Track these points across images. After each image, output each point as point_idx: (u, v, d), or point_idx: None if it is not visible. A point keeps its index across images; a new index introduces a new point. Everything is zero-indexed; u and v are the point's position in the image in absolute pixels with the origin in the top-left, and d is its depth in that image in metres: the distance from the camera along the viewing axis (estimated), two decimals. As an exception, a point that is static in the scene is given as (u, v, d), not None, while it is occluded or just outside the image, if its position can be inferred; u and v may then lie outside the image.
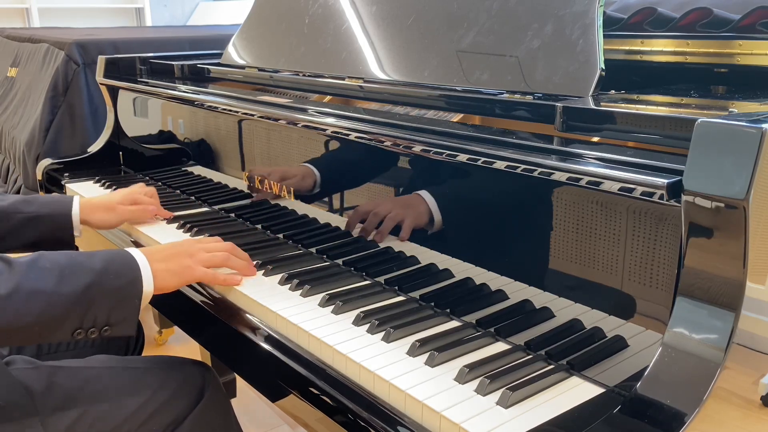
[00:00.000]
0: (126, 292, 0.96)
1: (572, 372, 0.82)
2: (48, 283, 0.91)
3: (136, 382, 1.07)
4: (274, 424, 2.06)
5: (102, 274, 0.94)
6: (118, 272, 0.96)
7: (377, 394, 0.83)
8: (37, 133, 2.37)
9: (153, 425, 1.04)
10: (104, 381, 1.06)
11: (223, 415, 1.14)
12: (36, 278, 0.90)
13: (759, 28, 1.15)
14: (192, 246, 1.09)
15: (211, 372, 1.16)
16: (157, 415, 1.05)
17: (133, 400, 1.04)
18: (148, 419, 1.04)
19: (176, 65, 1.81)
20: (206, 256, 1.08)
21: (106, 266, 0.96)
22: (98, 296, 0.93)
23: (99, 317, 0.94)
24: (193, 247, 1.09)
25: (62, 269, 0.92)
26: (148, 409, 1.04)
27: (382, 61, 1.29)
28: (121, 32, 3.24)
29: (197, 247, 1.09)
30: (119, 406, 1.03)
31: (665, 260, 0.75)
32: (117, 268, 0.97)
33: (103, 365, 1.10)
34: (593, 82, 0.96)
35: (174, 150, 1.70)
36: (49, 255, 0.95)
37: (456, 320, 0.97)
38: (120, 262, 0.98)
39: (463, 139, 0.95)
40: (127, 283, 0.97)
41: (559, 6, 1.05)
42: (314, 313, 1.00)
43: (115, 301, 0.95)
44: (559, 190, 0.84)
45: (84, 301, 0.92)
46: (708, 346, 0.68)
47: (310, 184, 1.25)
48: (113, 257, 0.99)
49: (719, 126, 0.67)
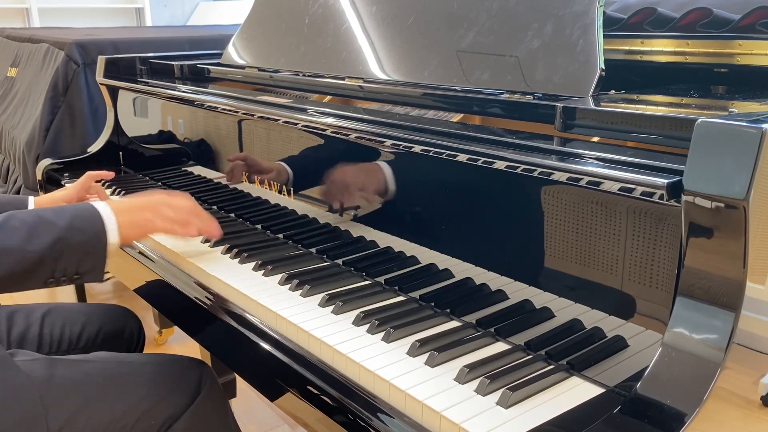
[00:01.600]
0: (92, 244, 1.03)
1: (572, 372, 0.82)
2: (16, 240, 0.97)
3: (133, 378, 1.09)
4: (274, 424, 2.06)
5: (68, 229, 1.00)
6: (82, 227, 1.02)
7: (377, 394, 0.83)
8: (37, 133, 2.37)
9: (150, 420, 1.06)
10: (102, 375, 1.08)
11: (219, 412, 1.15)
12: (6, 237, 0.97)
13: (759, 28, 1.15)
14: (158, 201, 1.15)
15: (208, 369, 1.17)
16: (155, 410, 1.07)
17: (131, 395, 1.06)
18: (146, 414, 1.06)
19: (176, 65, 1.81)
20: (169, 213, 1.14)
21: (72, 222, 1.02)
22: (65, 250, 1.00)
23: (68, 268, 1.01)
24: (159, 201, 1.15)
25: (30, 228, 0.98)
26: (146, 404, 1.06)
27: (382, 61, 1.29)
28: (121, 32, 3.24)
29: (163, 202, 1.15)
30: (117, 401, 1.05)
31: (665, 260, 0.75)
32: (82, 223, 1.03)
33: (101, 360, 1.12)
34: (593, 82, 0.96)
35: (174, 150, 1.70)
36: (18, 214, 1.01)
37: (456, 320, 0.97)
38: (85, 216, 1.04)
39: (463, 139, 0.95)
40: (92, 236, 1.03)
41: (559, 6, 1.05)
42: (314, 313, 1.00)
43: (82, 254, 1.02)
44: (559, 190, 0.84)
45: (51, 255, 0.98)
46: (708, 346, 0.68)
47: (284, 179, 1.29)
48: (79, 212, 1.05)
49: (719, 126, 0.67)
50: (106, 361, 1.12)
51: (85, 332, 1.34)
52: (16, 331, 1.28)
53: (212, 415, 1.14)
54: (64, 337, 1.31)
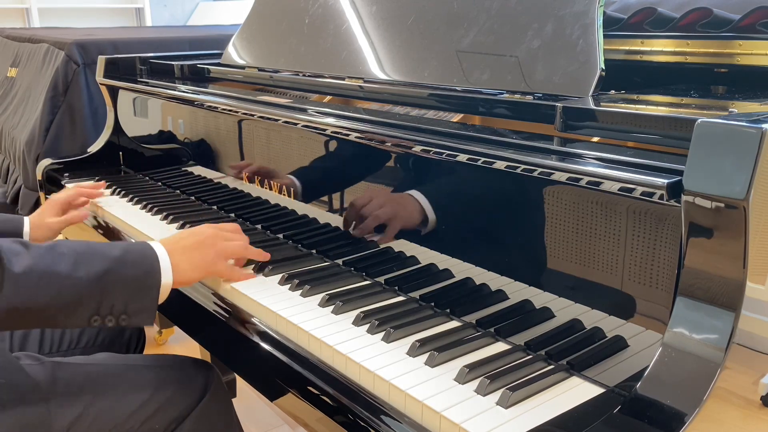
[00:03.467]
0: (142, 282, 0.96)
1: (572, 372, 0.82)
2: (63, 266, 0.91)
3: (139, 380, 1.08)
4: (274, 424, 2.06)
5: (118, 261, 0.94)
6: (135, 261, 0.96)
7: (377, 394, 0.83)
8: (37, 133, 2.37)
9: (155, 422, 1.05)
10: (107, 377, 1.07)
11: (224, 414, 1.15)
12: (51, 261, 0.91)
13: (759, 28, 1.15)
14: (213, 236, 1.08)
15: (214, 370, 1.17)
16: (160, 412, 1.06)
17: (136, 396, 1.05)
18: (151, 416, 1.05)
19: (176, 65, 1.81)
20: (225, 246, 1.08)
21: (123, 255, 0.95)
22: (113, 284, 0.93)
23: (116, 305, 0.93)
24: (215, 236, 1.08)
25: (78, 255, 0.93)
26: (151, 406, 1.05)
27: (382, 61, 1.29)
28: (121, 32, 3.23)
29: (218, 236, 1.08)
30: (122, 403, 1.04)
31: (665, 260, 0.75)
32: (134, 257, 0.96)
33: (106, 362, 1.11)
34: (593, 82, 0.96)
35: (174, 150, 1.70)
36: (67, 242, 0.96)
37: (456, 320, 0.97)
38: (138, 251, 0.98)
39: (463, 139, 0.95)
40: (144, 273, 0.96)
41: (559, 6, 1.05)
42: (314, 313, 1.00)
43: (132, 291, 0.95)
44: (559, 190, 0.84)
45: (98, 287, 0.92)
46: (708, 346, 0.68)
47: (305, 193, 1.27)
48: (132, 247, 0.99)
49: (719, 126, 0.67)
50: (110, 364, 1.11)
51: (85, 332, 1.34)
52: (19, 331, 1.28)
53: (217, 416, 1.13)
54: (65, 337, 1.32)
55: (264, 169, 1.36)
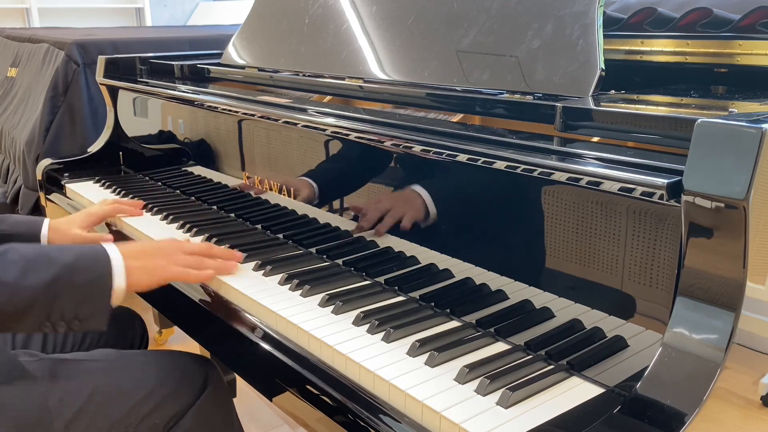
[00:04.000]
0: (94, 287, 0.96)
1: (572, 372, 0.82)
2: (11, 274, 0.91)
3: (139, 375, 1.09)
4: (274, 424, 2.06)
5: (69, 267, 0.94)
6: (87, 267, 0.96)
7: (377, 394, 0.83)
8: (37, 133, 2.37)
9: (156, 417, 1.06)
10: (107, 373, 1.08)
11: (224, 409, 1.16)
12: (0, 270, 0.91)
13: (759, 28, 1.15)
14: (171, 246, 1.10)
15: (214, 366, 1.18)
16: (160, 407, 1.06)
17: (136, 391, 1.06)
18: (152, 411, 1.06)
19: (176, 65, 1.81)
20: (180, 256, 1.09)
21: (75, 261, 0.96)
22: (64, 290, 0.93)
23: (66, 311, 0.94)
24: (172, 247, 1.10)
25: (28, 262, 0.93)
26: (151, 401, 1.06)
27: (382, 61, 1.29)
28: (121, 32, 3.23)
29: (175, 246, 1.10)
30: (122, 398, 1.04)
31: (665, 260, 0.75)
32: (86, 263, 0.97)
33: (106, 358, 1.12)
34: (593, 82, 0.96)
35: (174, 150, 1.70)
36: (18, 247, 0.96)
37: (456, 320, 0.97)
38: (90, 256, 0.98)
39: (463, 139, 0.95)
40: (95, 278, 0.97)
41: (559, 6, 1.05)
42: (314, 313, 1.00)
43: (83, 296, 0.95)
44: (559, 190, 0.84)
45: (47, 294, 0.92)
46: (708, 346, 0.68)
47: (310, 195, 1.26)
48: (84, 252, 0.99)
49: (719, 126, 0.67)
50: (109, 360, 1.12)
51: (86, 334, 1.34)
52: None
53: (217, 412, 1.14)
54: (68, 337, 1.32)
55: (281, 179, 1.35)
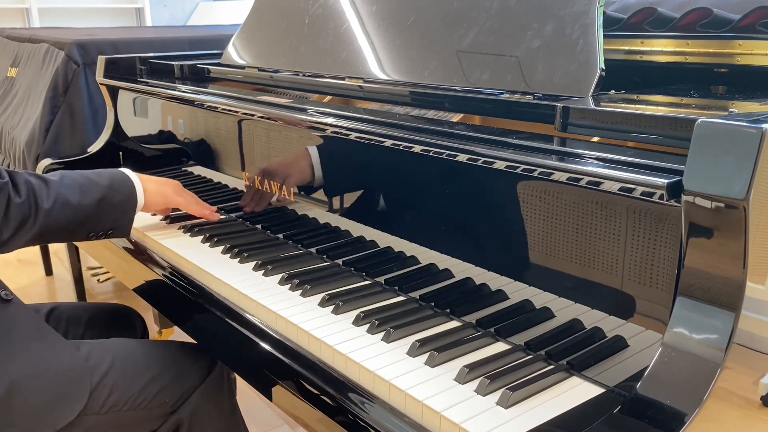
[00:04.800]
0: (126, 204, 1.24)
1: (572, 372, 0.82)
2: (74, 196, 1.17)
3: (150, 358, 1.17)
4: (274, 424, 2.06)
5: (109, 188, 1.21)
6: (120, 188, 1.23)
7: (377, 394, 0.83)
8: (37, 133, 2.36)
9: (166, 396, 1.14)
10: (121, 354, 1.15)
11: (227, 394, 1.24)
12: (66, 193, 1.16)
13: (759, 28, 1.15)
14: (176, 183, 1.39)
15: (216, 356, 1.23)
16: (169, 386, 1.15)
17: (146, 373, 1.14)
18: (161, 390, 1.14)
19: (176, 65, 1.81)
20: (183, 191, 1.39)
21: (111, 183, 1.22)
22: (107, 207, 1.21)
23: (107, 222, 1.22)
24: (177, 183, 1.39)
25: (81, 185, 1.19)
26: (161, 381, 1.14)
27: (382, 61, 1.29)
28: (121, 32, 3.23)
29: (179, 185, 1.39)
30: (134, 378, 1.12)
31: (665, 260, 0.75)
32: (118, 185, 1.23)
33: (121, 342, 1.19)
34: (593, 82, 0.96)
35: (174, 150, 1.70)
36: (68, 173, 1.20)
37: (456, 320, 0.97)
38: (120, 180, 1.24)
39: (463, 139, 0.95)
40: (127, 197, 1.24)
41: (559, 6, 1.05)
42: (314, 313, 1.00)
43: (119, 212, 1.22)
44: (559, 190, 0.84)
45: (96, 211, 1.19)
46: (708, 346, 0.68)
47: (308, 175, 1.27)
48: (114, 176, 1.24)
49: (719, 126, 0.67)
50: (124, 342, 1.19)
51: (87, 333, 1.34)
52: None
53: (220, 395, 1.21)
54: (68, 336, 1.32)
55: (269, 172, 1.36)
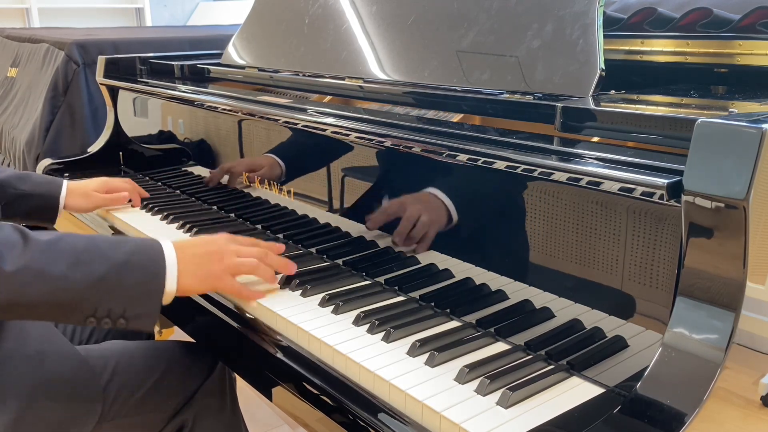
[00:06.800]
0: (145, 288, 0.92)
1: (572, 372, 0.82)
2: (59, 266, 0.87)
3: (153, 358, 1.16)
4: (274, 424, 2.06)
5: (122, 266, 0.90)
6: (141, 265, 0.92)
7: (377, 394, 0.83)
8: (37, 133, 2.37)
9: (168, 400, 1.13)
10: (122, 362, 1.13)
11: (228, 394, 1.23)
12: (47, 260, 0.87)
13: (759, 28, 1.15)
14: (226, 246, 1.03)
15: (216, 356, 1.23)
16: (171, 391, 1.14)
17: (151, 372, 1.13)
18: (163, 395, 1.13)
19: (176, 65, 1.81)
20: (236, 263, 1.02)
21: (129, 258, 0.91)
22: (112, 289, 0.89)
23: (114, 309, 0.90)
24: (227, 247, 1.03)
25: (78, 254, 0.89)
26: (164, 381, 1.13)
27: (382, 61, 1.29)
28: (121, 32, 3.23)
29: (231, 250, 1.03)
30: (139, 377, 1.11)
31: (665, 260, 0.75)
32: (141, 260, 0.92)
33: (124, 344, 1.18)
34: (593, 82, 0.96)
35: (174, 150, 1.70)
36: (70, 237, 0.91)
37: (456, 320, 0.97)
38: (146, 255, 0.94)
39: (463, 139, 0.95)
40: (149, 278, 0.93)
41: (559, 6, 1.05)
42: (314, 313, 1.00)
43: (133, 296, 0.91)
44: (559, 190, 0.84)
45: (96, 291, 0.89)
46: (708, 346, 0.68)
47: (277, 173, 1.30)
48: (141, 249, 0.94)
49: (719, 126, 0.67)
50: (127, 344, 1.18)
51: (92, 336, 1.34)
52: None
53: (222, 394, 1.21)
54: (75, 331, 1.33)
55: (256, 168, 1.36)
